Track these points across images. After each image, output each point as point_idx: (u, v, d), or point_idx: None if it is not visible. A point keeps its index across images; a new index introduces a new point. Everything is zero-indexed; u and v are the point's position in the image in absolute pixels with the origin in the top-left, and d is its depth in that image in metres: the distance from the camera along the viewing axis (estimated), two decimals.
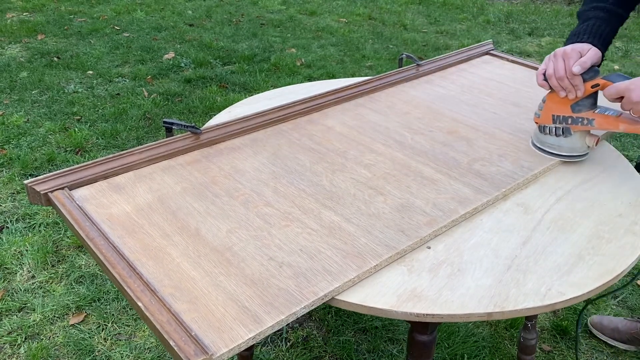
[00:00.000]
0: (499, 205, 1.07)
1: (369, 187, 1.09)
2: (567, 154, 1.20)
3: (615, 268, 0.92)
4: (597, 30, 1.18)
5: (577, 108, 1.16)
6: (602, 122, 1.14)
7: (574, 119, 1.16)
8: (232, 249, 0.91)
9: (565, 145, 1.20)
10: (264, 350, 1.73)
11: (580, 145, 1.20)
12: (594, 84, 1.12)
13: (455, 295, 0.85)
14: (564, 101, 1.16)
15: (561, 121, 1.18)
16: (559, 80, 1.13)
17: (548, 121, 1.20)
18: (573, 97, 1.14)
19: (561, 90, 1.14)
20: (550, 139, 1.21)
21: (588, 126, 1.16)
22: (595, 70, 1.13)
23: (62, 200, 1.02)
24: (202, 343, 0.72)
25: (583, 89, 1.13)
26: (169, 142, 1.20)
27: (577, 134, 1.18)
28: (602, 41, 1.17)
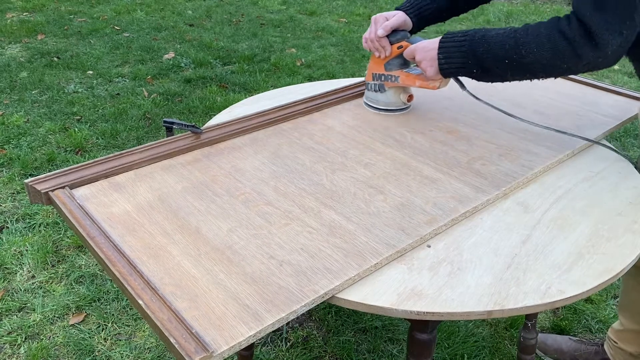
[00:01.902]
0: (499, 204, 1.07)
1: (369, 186, 1.09)
2: (384, 107, 1.38)
3: (615, 267, 0.92)
4: (417, 3, 1.34)
5: (389, 67, 1.33)
6: (404, 79, 1.32)
7: (385, 76, 1.34)
8: (232, 248, 0.92)
9: (381, 100, 1.38)
10: (264, 350, 1.73)
11: (394, 100, 1.37)
12: (399, 45, 1.30)
13: (455, 293, 0.85)
14: (380, 61, 1.34)
15: (377, 78, 1.36)
16: (371, 42, 1.32)
17: (369, 78, 1.38)
18: (383, 57, 1.32)
19: (375, 50, 1.33)
20: (370, 94, 1.40)
21: (395, 82, 1.33)
22: (404, 33, 1.30)
23: (63, 199, 1.02)
24: (202, 341, 0.72)
25: (390, 49, 1.31)
26: (169, 141, 1.21)
27: (392, 90, 1.36)
28: (415, 12, 1.33)
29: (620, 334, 1.55)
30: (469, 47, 1.12)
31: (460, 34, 1.14)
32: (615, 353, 1.60)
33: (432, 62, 1.18)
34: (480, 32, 1.12)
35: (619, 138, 3.04)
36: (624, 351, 1.56)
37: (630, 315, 1.49)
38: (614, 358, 1.61)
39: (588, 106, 1.47)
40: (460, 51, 1.14)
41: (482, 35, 1.11)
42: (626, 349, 1.55)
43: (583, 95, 1.54)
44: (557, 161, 1.21)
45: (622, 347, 1.55)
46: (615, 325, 1.58)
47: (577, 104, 1.48)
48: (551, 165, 1.19)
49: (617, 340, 1.57)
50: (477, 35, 1.12)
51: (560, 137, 1.29)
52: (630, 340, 1.53)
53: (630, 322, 1.50)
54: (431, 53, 1.18)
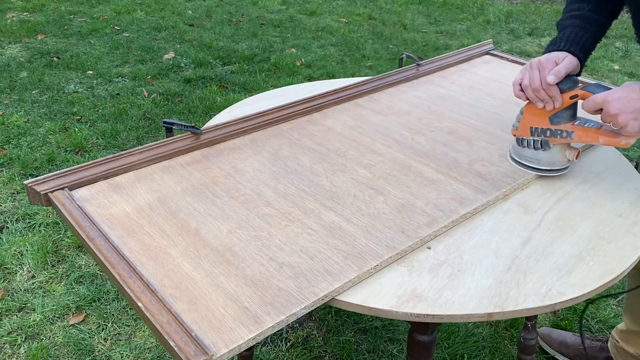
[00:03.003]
0: (499, 205, 1.07)
1: (369, 187, 1.09)
2: (546, 167, 1.15)
3: (616, 268, 0.92)
4: (574, 38, 1.14)
5: (556, 120, 1.10)
6: (581, 135, 1.09)
7: (553, 131, 1.11)
8: (232, 250, 0.91)
9: (543, 159, 1.14)
10: (264, 350, 1.73)
11: (559, 159, 1.15)
12: (573, 94, 1.07)
13: (455, 295, 0.85)
14: (542, 113, 1.11)
15: (539, 134, 1.13)
16: (535, 91, 1.09)
17: (526, 133, 1.14)
18: (551, 108, 1.10)
19: (538, 101, 1.10)
20: (528, 152, 1.16)
21: (567, 139, 1.10)
22: (574, 80, 1.08)
23: (62, 200, 1.02)
24: (202, 343, 0.72)
25: (560, 100, 1.08)
26: (169, 142, 1.20)
27: (557, 147, 1.13)
28: (580, 48, 1.13)
29: (623, 334, 1.56)
30: None
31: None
32: (617, 352, 1.60)
33: (637, 116, 0.99)
34: None
35: None
36: (625, 351, 1.56)
37: (634, 318, 1.50)
38: (615, 357, 1.61)
39: None
40: None
41: None
42: (627, 349, 1.55)
43: None
44: None
45: (624, 347, 1.56)
46: (620, 326, 1.58)
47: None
48: None
49: (619, 339, 1.58)
50: None
51: None
52: (631, 342, 1.54)
53: (633, 324, 1.51)
54: (634, 104, 0.98)
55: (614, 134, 1.05)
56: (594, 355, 1.66)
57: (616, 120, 1.01)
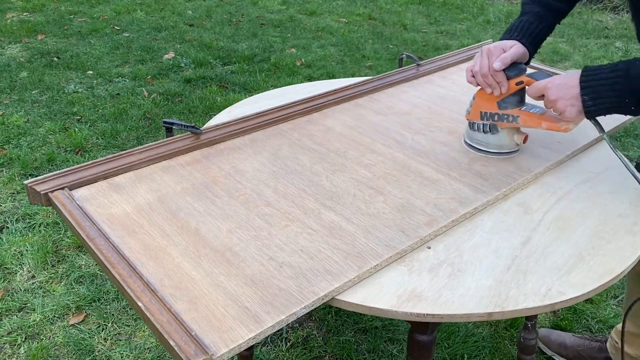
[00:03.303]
0: (499, 205, 1.07)
1: (369, 187, 1.09)
2: (495, 150, 1.20)
3: (616, 268, 0.92)
4: (527, 28, 1.18)
5: (503, 105, 1.15)
6: (526, 120, 1.14)
7: (500, 116, 1.16)
8: (232, 249, 0.91)
9: (492, 142, 1.20)
10: (264, 350, 1.73)
11: (508, 142, 1.20)
12: (518, 81, 1.12)
13: (455, 295, 0.85)
14: (491, 98, 1.16)
15: (488, 118, 1.18)
16: (483, 77, 1.14)
17: (476, 118, 1.20)
18: (498, 94, 1.15)
19: (487, 86, 1.15)
20: (478, 135, 1.21)
21: (513, 123, 1.15)
22: (520, 67, 1.12)
23: (62, 200, 1.02)
24: (202, 343, 0.72)
25: (507, 86, 1.13)
26: (169, 142, 1.20)
27: (505, 130, 1.18)
28: (530, 40, 1.17)
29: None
30: (624, 85, 0.98)
31: (606, 70, 1.00)
32: (616, 353, 1.60)
33: (574, 102, 1.03)
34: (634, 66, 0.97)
35: (619, 138, 3.04)
36: (625, 352, 1.56)
37: (634, 319, 1.50)
38: (614, 357, 1.61)
39: None
40: (613, 89, 0.99)
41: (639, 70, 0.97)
42: (627, 350, 1.55)
43: None
44: (557, 162, 1.20)
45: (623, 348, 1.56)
46: (619, 327, 1.58)
47: None
48: (551, 167, 1.19)
49: (618, 340, 1.58)
50: (632, 71, 0.97)
51: (560, 137, 1.29)
52: (631, 343, 1.54)
53: (633, 326, 1.51)
54: (572, 91, 1.02)
55: (555, 119, 1.10)
56: (593, 355, 1.66)
57: (555, 106, 1.05)
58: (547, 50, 4.31)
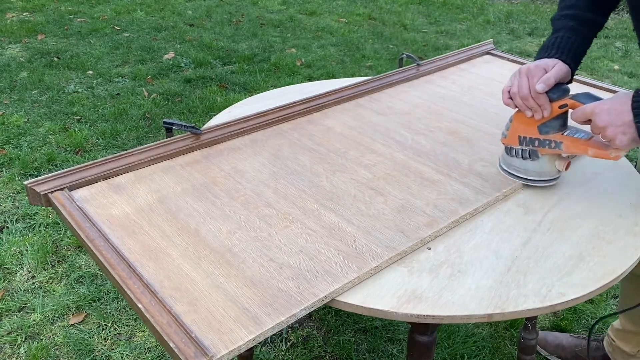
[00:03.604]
0: (499, 206, 1.07)
1: (369, 187, 1.09)
2: (534, 178, 1.11)
3: (616, 269, 0.91)
4: (565, 44, 1.10)
5: (545, 129, 1.07)
6: (570, 146, 1.05)
7: (541, 141, 1.07)
8: (232, 250, 0.91)
9: (532, 169, 1.11)
10: (264, 350, 1.73)
11: (549, 170, 1.11)
12: (562, 104, 1.04)
13: (455, 296, 0.85)
14: (531, 122, 1.08)
15: (528, 143, 1.09)
16: (523, 99, 1.05)
17: (514, 142, 1.11)
18: (539, 117, 1.06)
19: (527, 109, 1.06)
20: (516, 161, 1.12)
21: (556, 149, 1.07)
22: (564, 89, 1.04)
23: (62, 201, 1.02)
24: (202, 345, 0.72)
25: (549, 109, 1.05)
26: (169, 142, 1.20)
27: (545, 157, 1.09)
28: (571, 56, 1.09)
29: (619, 333, 1.57)
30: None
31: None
32: (613, 350, 1.61)
33: (626, 130, 0.94)
34: None
35: None
36: (621, 350, 1.57)
37: (630, 317, 1.50)
38: (612, 355, 1.62)
39: None
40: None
41: None
42: (623, 347, 1.56)
43: None
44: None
45: (619, 346, 1.57)
46: (616, 324, 1.59)
47: None
48: None
49: (615, 338, 1.58)
50: None
51: None
52: (627, 340, 1.54)
53: (629, 324, 1.51)
54: (623, 117, 0.94)
55: (603, 146, 1.02)
56: (591, 355, 1.67)
57: (605, 133, 0.97)
58: None
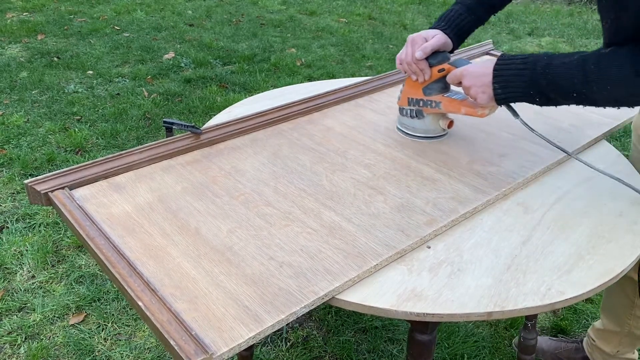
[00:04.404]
0: (499, 204, 1.07)
1: (369, 186, 1.09)
2: (422, 134, 1.26)
3: (615, 267, 0.92)
4: (455, 19, 1.24)
5: (428, 91, 1.21)
6: (447, 105, 1.19)
7: (425, 102, 1.22)
8: (232, 249, 0.91)
9: (419, 127, 1.26)
10: (264, 350, 1.73)
11: (433, 128, 1.26)
12: (440, 68, 1.18)
13: (455, 294, 0.85)
14: (417, 85, 1.22)
15: (414, 103, 1.24)
16: (408, 65, 1.20)
17: (405, 104, 1.26)
18: (422, 81, 1.20)
19: (412, 73, 1.21)
20: (406, 120, 1.27)
21: (436, 109, 1.21)
22: (444, 55, 1.18)
23: (63, 200, 1.02)
24: (202, 342, 0.72)
25: (429, 73, 1.19)
26: (169, 142, 1.20)
27: (430, 116, 1.24)
28: (456, 30, 1.23)
29: (600, 333, 1.56)
30: (530, 77, 1.01)
31: (518, 60, 1.02)
32: (592, 351, 1.60)
33: (485, 89, 1.07)
34: (541, 61, 1.00)
35: (619, 138, 3.04)
36: (601, 350, 1.56)
37: (612, 317, 1.50)
38: (591, 356, 1.61)
39: None
40: (520, 80, 1.02)
41: (545, 65, 1.00)
42: (603, 348, 1.55)
43: None
44: (557, 162, 1.20)
45: (600, 346, 1.56)
46: (597, 324, 1.58)
47: None
48: (551, 166, 1.19)
49: (595, 338, 1.58)
50: (539, 65, 1.00)
51: (560, 137, 1.29)
52: (608, 340, 1.54)
53: (610, 323, 1.51)
54: (484, 79, 1.06)
55: (474, 105, 1.15)
56: (571, 357, 1.66)
57: (469, 92, 1.10)
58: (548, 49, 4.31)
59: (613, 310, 1.49)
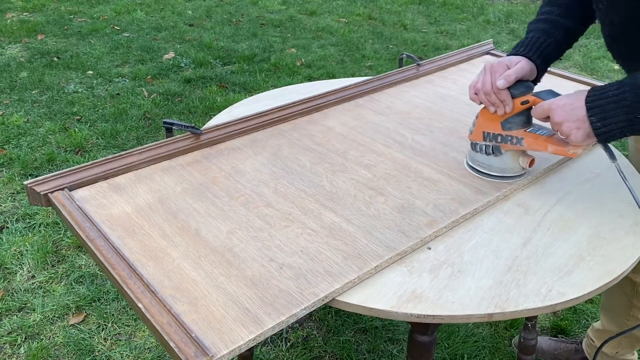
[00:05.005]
0: (499, 205, 1.07)
1: (369, 187, 1.09)
2: (497, 174, 1.13)
3: (616, 269, 0.92)
4: (534, 43, 1.12)
5: (508, 125, 1.08)
6: (531, 142, 1.06)
7: (504, 137, 1.09)
8: (232, 250, 0.91)
9: (495, 165, 1.12)
10: (264, 350, 1.73)
11: (512, 166, 1.12)
12: (524, 100, 1.05)
13: (455, 296, 0.85)
14: (494, 118, 1.09)
15: (491, 139, 1.11)
16: (486, 94, 1.07)
17: (479, 138, 1.12)
18: (502, 113, 1.07)
19: (490, 105, 1.08)
20: (480, 157, 1.14)
21: (517, 145, 1.08)
22: (527, 85, 1.06)
23: (62, 201, 1.02)
24: (202, 344, 0.72)
25: (512, 105, 1.06)
26: (169, 142, 1.20)
27: (509, 153, 1.10)
28: (537, 54, 1.11)
29: (599, 333, 1.56)
30: (633, 100, 0.90)
31: (613, 87, 0.93)
32: (592, 352, 1.60)
33: (580, 124, 0.95)
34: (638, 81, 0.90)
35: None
36: (601, 351, 1.55)
37: (611, 317, 1.49)
38: (590, 357, 1.61)
39: None
40: (622, 107, 0.91)
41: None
42: (603, 349, 1.54)
43: None
44: (557, 163, 1.20)
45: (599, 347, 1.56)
46: (596, 325, 1.58)
47: None
48: (551, 167, 1.19)
49: (594, 339, 1.58)
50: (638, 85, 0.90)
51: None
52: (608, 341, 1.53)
53: (610, 324, 1.50)
54: (577, 112, 0.95)
55: (563, 142, 1.03)
56: (570, 357, 1.66)
57: (561, 129, 0.98)
58: None
59: (612, 310, 1.49)
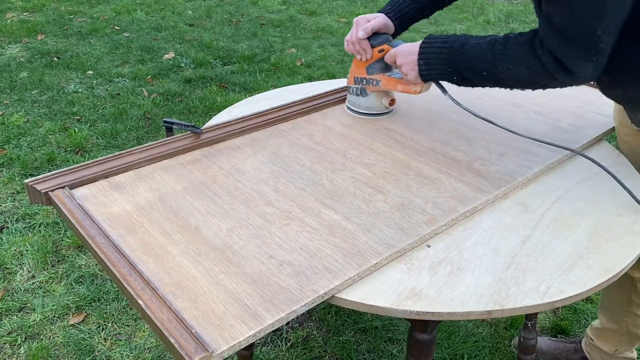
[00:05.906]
0: (498, 204, 1.07)
1: (369, 186, 1.09)
2: (365, 111, 1.37)
3: (615, 267, 0.92)
4: (399, 5, 1.31)
5: (371, 70, 1.32)
6: (385, 83, 1.30)
7: (367, 80, 1.33)
8: (232, 248, 0.92)
9: (362, 104, 1.36)
10: (264, 350, 1.73)
11: (376, 105, 1.36)
12: (380, 48, 1.28)
13: (455, 293, 0.85)
14: (361, 64, 1.32)
15: (359, 82, 1.34)
16: (352, 44, 1.30)
17: (352, 82, 1.36)
18: (365, 60, 1.31)
19: (356, 53, 1.31)
20: (353, 98, 1.38)
21: (377, 86, 1.32)
22: (385, 37, 1.28)
23: (63, 199, 1.02)
24: (202, 341, 0.72)
25: (371, 52, 1.29)
26: (169, 141, 1.21)
27: (373, 94, 1.34)
28: (398, 15, 1.31)
29: (598, 332, 1.56)
30: (448, 55, 1.11)
31: (440, 40, 1.13)
32: (591, 351, 1.60)
33: (413, 67, 1.17)
34: (460, 40, 1.10)
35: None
36: (600, 349, 1.56)
37: (610, 315, 1.50)
38: (590, 356, 1.61)
39: (588, 106, 1.47)
40: (440, 58, 1.12)
41: (461, 44, 1.09)
42: (602, 347, 1.55)
43: (583, 94, 1.54)
44: (557, 161, 1.21)
45: (598, 345, 1.56)
46: (595, 324, 1.58)
47: (577, 103, 1.48)
48: (551, 165, 1.19)
49: (594, 337, 1.58)
50: (457, 44, 1.10)
51: (560, 137, 1.29)
52: (606, 339, 1.54)
53: (608, 322, 1.51)
54: (412, 57, 1.17)
55: (408, 83, 1.25)
56: (569, 357, 1.66)
57: (401, 70, 1.21)
58: None
59: (611, 308, 1.49)
